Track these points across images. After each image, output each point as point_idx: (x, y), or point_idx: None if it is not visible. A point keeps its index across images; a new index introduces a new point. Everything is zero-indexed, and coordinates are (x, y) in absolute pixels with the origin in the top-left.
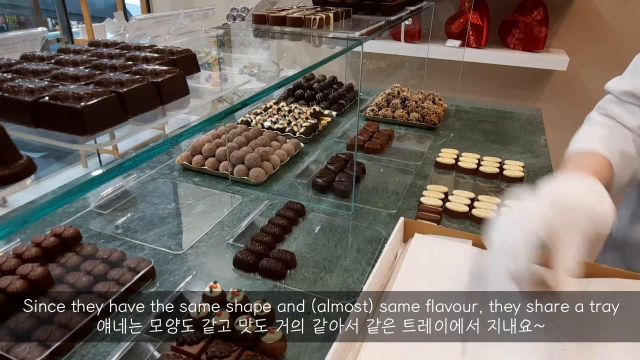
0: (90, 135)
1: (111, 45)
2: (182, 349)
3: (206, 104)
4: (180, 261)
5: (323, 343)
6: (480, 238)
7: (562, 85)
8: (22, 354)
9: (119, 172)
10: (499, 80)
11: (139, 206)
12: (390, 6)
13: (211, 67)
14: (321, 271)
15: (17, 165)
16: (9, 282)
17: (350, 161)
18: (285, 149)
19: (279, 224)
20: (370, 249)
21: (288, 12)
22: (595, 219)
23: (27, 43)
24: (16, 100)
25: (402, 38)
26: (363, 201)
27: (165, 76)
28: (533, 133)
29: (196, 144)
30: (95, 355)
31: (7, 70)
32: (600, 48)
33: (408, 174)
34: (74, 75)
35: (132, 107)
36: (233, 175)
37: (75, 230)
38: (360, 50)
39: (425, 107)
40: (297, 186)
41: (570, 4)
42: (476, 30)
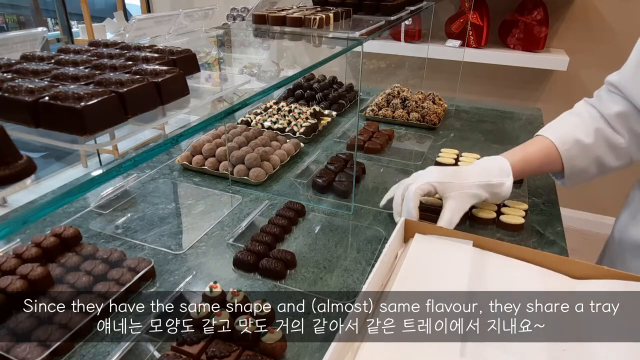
0: (90, 135)
1: (111, 45)
2: (182, 349)
3: (206, 104)
4: (180, 261)
5: (323, 343)
6: (481, 238)
7: (562, 85)
8: (22, 354)
9: (119, 172)
10: (499, 80)
11: (139, 206)
12: (390, 6)
13: (211, 67)
14: (321, 271)
15: (17, 165)
16: (9, 282)
17: (350, 161)
18: (285, 149)
19: (279, 224)
20: (370, 249)
21: (288, 12)
22: (486, 188)
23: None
24: (16, 100)
25: (402, 38)
26: (363, 201)
27: (165, 76)
28: (533, 133)
29: (196, 144)
30: (95, 355)
31: (7, 70)
32: (600, 48)
33: (408, 174)
34: (74, 75)
35: (132, 107)
36: (233, 175)
37: (75, 230)
38: (360, 50)
39: (425, 107)
40: (297, 186)
41: (570, 4)
42: (476, 30)
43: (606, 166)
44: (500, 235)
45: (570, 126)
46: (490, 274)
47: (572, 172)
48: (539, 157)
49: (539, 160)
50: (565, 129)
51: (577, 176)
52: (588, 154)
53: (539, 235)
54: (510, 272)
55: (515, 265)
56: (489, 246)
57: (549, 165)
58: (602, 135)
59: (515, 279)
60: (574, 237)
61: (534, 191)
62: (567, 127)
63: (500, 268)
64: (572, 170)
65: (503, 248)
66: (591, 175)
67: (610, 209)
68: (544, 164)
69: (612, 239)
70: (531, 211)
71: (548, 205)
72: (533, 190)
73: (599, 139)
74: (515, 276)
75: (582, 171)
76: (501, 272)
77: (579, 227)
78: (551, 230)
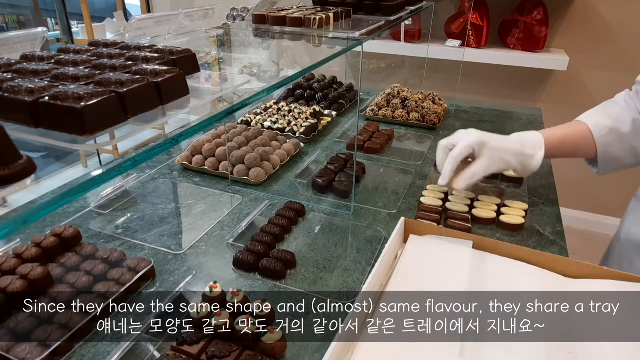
0: (90, 135)
1: (111, 45)
2: (182, 349)
3: (206, 104)
4: (180, 261)
5: (323, 343)
6: (481, 239)
7: (562, 85)
8: (22, 354)
9: (119, 172)
10: (499, 80)
11: (139, 206)
12: (390, 6)
13: (211, 67)
14: (321, 271)
15: (17, 165)
16: (9, 282)
17: (350, 161)
18: (285, 149)
19: (279, 224)
20: (370, 249)
21: (288, 12)
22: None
23: (27, 43)
24: (16, 100)
25: (402, 38)
26: (363, 201)
27: (165, 76)
28: None
29: (196, 144)
30: (95, 355)
31: (7, 70)
32: (600, 48)
33: (408, 174)
34: (74, 75)
35: (132, 107)
36: (233, 175)
37: (75, 230)
38: (360, 50)
39: (425, 107)
40: (297, 186)
41: (570, 4)
42: (476, 30)
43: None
44: (500, 235)
45: (608, 114)
46: (490, 274)
47: (605, 160)
48: (573, 140)
49: (573, 142)
50: (602, 116)
51: (611, 163)
52: (624, 143)
53: (539, 235)
54: (510, 273)
55: (515, 266)
56: (489, 246)
57: (582, 150)
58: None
59: (515, 279)
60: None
61: (534, 191)
62: (605, 115)
63: (500, 268)
64: (605, 157)
65: (503, 248)
66: (627, 164)
67: (610, 209)
68: (578, 148)
69: (618, 240)
70: (531, 211)
71: (548, 205)
72: (533, 190)
73: (637, 129)
74: (515, 276)
75: (616, 159)
76: (501, 273)
77: (579, 227)
78: (551, 230)
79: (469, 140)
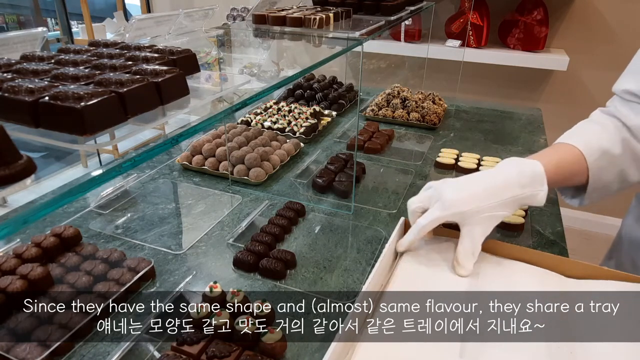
0: (90, 135)
1: (111, 45)
2: (182, 349)
3: (206, 104)
4: (180, 261)
5: (323, 343)
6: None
7: (562, 85)
8: (22, 354)
9: (119, 172)
10: (499, 80)
11: (139, 206)
12: (390, 6)
13: (211, 67)
14: (321, 271)
15: (17, 165)
16: (9, 282)
17: (350, 161)
18: (285, 149)
19: (279, 224)
20: (370, 249)
21: (288, 12)
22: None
23: (27, 43)
24: (16, 100)
25: (402, 38)
26: (363, 201)
27: (165, 76)
28: (533, 133)
29: (196, 144)
30: (95, 355)
31: (7, 70)
32: (600, 48)
33: (408, 174)
34: (74, 75)
35: (132, 107)
36: (233, 175)
37: (75, 230)
38: (360, 50)
39: (425, 107)
40: (297, 186)
41: (570, 4)
42: (476, 30)
43: (627, 181)
44: (500, 235)
45: (595, 135)
46: (490, 274)
47: (594, 187)
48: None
49: (569, 169)
50: (590, 138)
51: (598, 191)
52: (614, 166)
53: (539, 235)
54: (510, 273)
55: (514, 266)
56: (489, 246)
57: (575, 177)
58: (628, 147)
59: (515, 279)
60: (574, 237)
61: None
62: (592, 136)
63: (500, 268)
64: (596, 184)
65: (503, 248)
66: (612, 191)
67: (610, 209)
68: (571, 175)
69: (620, 240)
70: (531, 211)
71: (548, 205)
72: None
73: (626, 150)
74: (515, 276)
75: (604, 186)
76: (501, 273)
77: (579, 227)
78: (551, 230)
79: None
